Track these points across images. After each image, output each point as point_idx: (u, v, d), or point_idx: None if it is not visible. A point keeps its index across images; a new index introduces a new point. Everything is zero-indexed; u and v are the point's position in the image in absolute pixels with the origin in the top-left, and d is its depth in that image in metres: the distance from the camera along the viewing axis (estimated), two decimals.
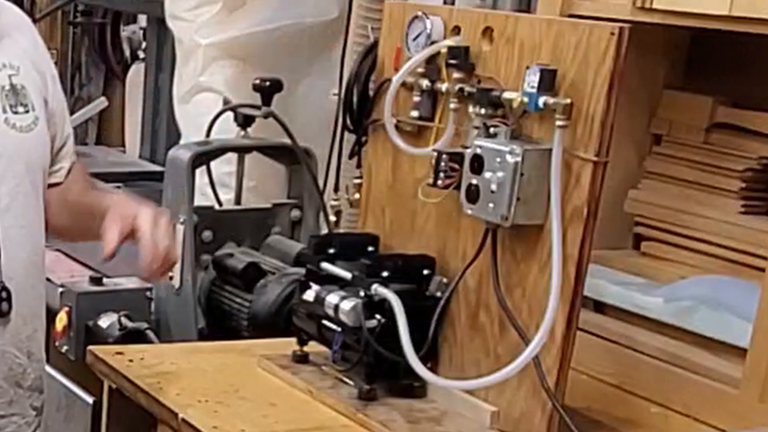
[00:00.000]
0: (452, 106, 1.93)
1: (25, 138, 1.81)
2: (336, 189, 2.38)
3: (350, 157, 2.24)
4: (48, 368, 2.88)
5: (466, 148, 1.83)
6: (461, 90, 1.92)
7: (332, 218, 2.53)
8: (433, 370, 1.93)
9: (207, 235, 2.75)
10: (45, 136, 1.86)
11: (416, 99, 2.00)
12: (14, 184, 1.80)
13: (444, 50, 1.93)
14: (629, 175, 2.29)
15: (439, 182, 1.85)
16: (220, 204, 3.00)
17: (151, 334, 2.70)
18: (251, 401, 1.95)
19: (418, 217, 2.04)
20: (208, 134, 2.93)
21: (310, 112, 3.23)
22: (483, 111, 1.84)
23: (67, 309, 2.75)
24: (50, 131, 1.90)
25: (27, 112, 1.82)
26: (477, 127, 1.84)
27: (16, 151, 1.80)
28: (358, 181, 2.21)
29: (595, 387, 2.04)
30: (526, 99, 1.76)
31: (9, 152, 1.79)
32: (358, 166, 2.21)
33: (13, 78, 1.81)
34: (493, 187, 1.76)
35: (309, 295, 1.99)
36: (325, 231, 2.75)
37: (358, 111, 2.16)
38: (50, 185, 1.94)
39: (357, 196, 2.21)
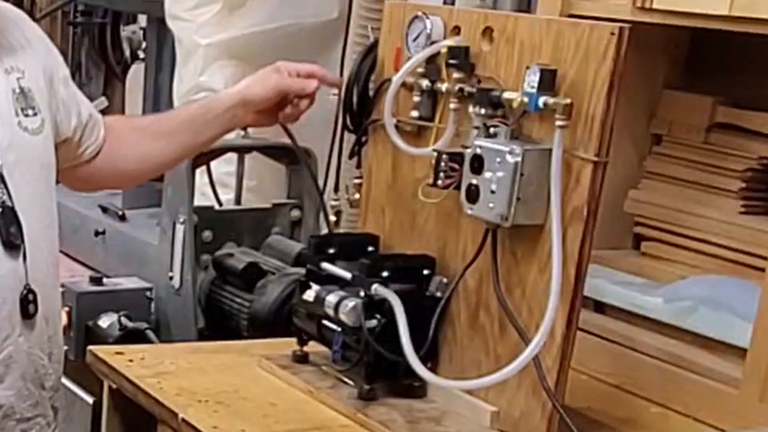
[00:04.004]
0: (452, 106, 1.93)
1: (37, 140, 1.82)
2: (336, 189, 2.38)
3: (350, 157, 2.24)
4: None
5: (466, 148, 1.83)
6: (461, 90, 1.92)
7: (332, 218, 2.52)
8: (433, 370, 1.93)
9: (207, 235, 2.75)
10: (51, 137, 1.87)
11: (416, 99, 2.00)
12: (33, 187, 1.81)
13: (444, 50, 1.93)
14: (629, 175, 2.28)
15: (439, 182, 1.85)
16: (220, 204, 3.01)
17: (151, 334, 2.71)
18: (251, 401, 1.95)
19: (418, 217, 2.04)
20: None
21: (310, 112, 3.23)
22: (483, 111, 1.84)
23: (67, 309, 2.75)
24: (65, 122, 1.92)
25: (35, 114, 1.82)
26: (477, 127, 1.84)
27: (31, 154, 1.81)
28: (358, 181, 2.21)
29: (595, 387, 2.04)
30: (526, 99, 1.76)
31: (26, 155, 1.80)
32: (358, 166, 2.21)
33: (21, 81, 1.82)
34: (493, 187, 1.76)
35: (309, 295, 1.99)
36: (325, 231, 2.75)
37: (358, 111, 2.16)
38: (86, 161, 1.99)
39: (357, 196, 2.21)
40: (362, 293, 1.90)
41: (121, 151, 2.03)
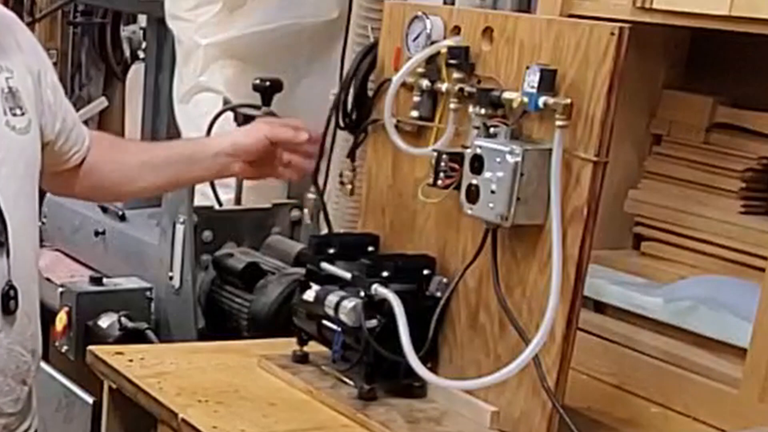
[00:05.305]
0: (452, 106, 1.93)
1: (24, 140, 1.84)
2: (315, 182, 2.36)
3: (348, 156, 2.24)
4: (48, 368, 2.89)
5: (466, 148, 1.83)
6: (461, 90, 1.91)
7: (306, 212, 2.52)
8: (433, 370, 1.93)
9: (207, 235, 2.75)
10: (38, 137, 1.89)
11: (416, 99, 2.00)
12: (18, 185, 1.83)
13: (444, 50, 1.93)
14: (629, 175, 2.29)
15: (439, 182, 1.85)
16: (220, 204, 3.01)
17: (151, 334, 2.71)
18: (251, 401, 1.95)
19: (418, 217, 2.04)
20: (208, 134, 2.93)
21: (310, 112, 3.23)
22: (483, 111, 1.84)
23: (67, 309, 2.75)
24: (49, 125, 1.93)
25: (23, 114, 1.84)
26: (477, 127, 1.84)
27: (17, 153, 1.83)
28: (349, 173, 2.21)
29: (595, 387, 2.04)
30: (526, 99, 1.76)
31: (12, 154, 1.82)
32: (353, 160, 2.22)
33: (10, 81, 1.84)
34: (493, 187, 1.76)
35: (309, 295, 1.99)
36: (325, 231, 2.75)
37: (354, 110, 2.15)
38: (69, 168, 2.02)
39: (350, 186, 2.21)
40: (362, 293, 1.90)
41: (107, 169, 2.07)
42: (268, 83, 2.87)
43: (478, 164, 1.79)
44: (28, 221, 1.86)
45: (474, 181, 1.79)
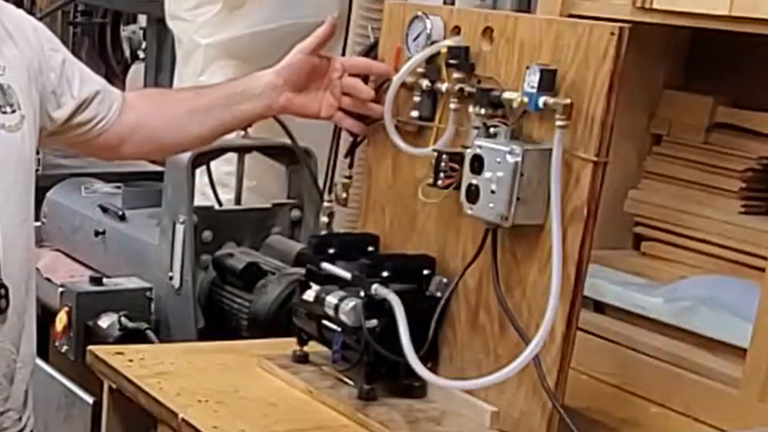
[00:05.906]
0: (452, 106, 1.93)
1: (14, 138, 1.83)
2: (330, 190, 2.36)
3: (346, 155, 2.24)
4: (48, 368, 2.89)
5: (466, 148, 1.83)
6: (461, 90, 1.92)
7: (324, 219, 2.51)
8: (433, 370, 1.93)
9: (207, 235, 2.75)
10: (31, 134, 1.88)
11: (416, 99, 2.00)
12: (8, 183, 1.82)
13: (444, 50, 1.93)
14: (629, 175, 2.28)
15: (439, 182, 1.85)
16: (220, 204, 3.01)
17: (151, 334, 2.71)
18: (251, 401, 1.95)
19: (418, 217, 2.04)
20: None
21: None
22: (483, 111, 1.84)
23: (67, 309, 2.75)
24: (56, 109, 1.93)
25: (14, 111, 1.84)
26: (477, 127, 1.84)
27: (7, 151, 1.83)
28: (346, 180, 2.20)
29: (595, 387, 2.04)
30: (526, 99, 1.76)
31: (1, 152, 1.80)
32: (350, 165, 2.21)
33: (1, 78, 1.83)
34: (493, 187, 1.76)
35: (309, 295, 1.99)
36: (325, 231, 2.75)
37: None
38: (102, 133, 2.00)
39: (344, 195, 2.20)
40: (362, 293, 1.90)
41: (156, 122, 2.05)
42: None
43: (478, 164, 1.79)
44: (19, 219, 1.85)
45: (474, 181, 1.79)
